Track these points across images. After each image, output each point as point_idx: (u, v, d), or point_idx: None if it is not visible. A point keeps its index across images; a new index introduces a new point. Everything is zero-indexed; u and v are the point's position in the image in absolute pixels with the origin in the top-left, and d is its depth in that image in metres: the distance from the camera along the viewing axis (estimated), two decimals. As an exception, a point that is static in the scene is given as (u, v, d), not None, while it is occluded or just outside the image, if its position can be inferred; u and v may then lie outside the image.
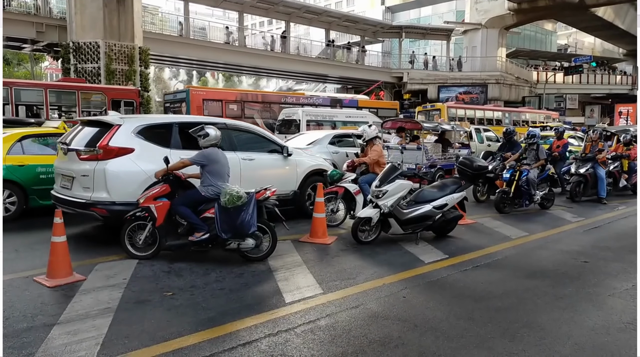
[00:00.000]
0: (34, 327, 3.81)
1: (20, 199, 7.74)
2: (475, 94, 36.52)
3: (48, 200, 7.30)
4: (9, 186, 7.62)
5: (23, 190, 7.77)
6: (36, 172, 7.89)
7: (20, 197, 7.74)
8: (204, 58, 29.35)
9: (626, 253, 6.42)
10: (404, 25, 40.03)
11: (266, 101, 20.47)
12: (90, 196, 6.05)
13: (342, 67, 35.72)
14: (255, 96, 20.79)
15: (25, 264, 5.40)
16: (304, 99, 21.55)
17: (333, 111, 18.93)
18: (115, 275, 5.10)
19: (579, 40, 57.78)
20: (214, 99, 19.25)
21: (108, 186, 6.02)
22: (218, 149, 5.85)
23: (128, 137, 6.28)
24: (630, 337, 3.83)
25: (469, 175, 8.74)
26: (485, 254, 6.25)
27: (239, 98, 19.88)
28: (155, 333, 3.74)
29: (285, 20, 33.93)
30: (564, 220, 8.69)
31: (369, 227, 6.59)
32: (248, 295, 4.64)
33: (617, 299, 4.70)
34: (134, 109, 16.87)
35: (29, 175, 7.80)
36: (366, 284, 4.96)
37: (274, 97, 21.18)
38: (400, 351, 3.52)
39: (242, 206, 5.37)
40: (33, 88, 15.77)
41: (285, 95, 22.13)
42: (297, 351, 3.51)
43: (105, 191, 6.02)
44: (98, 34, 20.56)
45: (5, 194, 7.58)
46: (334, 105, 21.50)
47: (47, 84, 16.45)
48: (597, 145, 10.80)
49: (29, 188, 7.80)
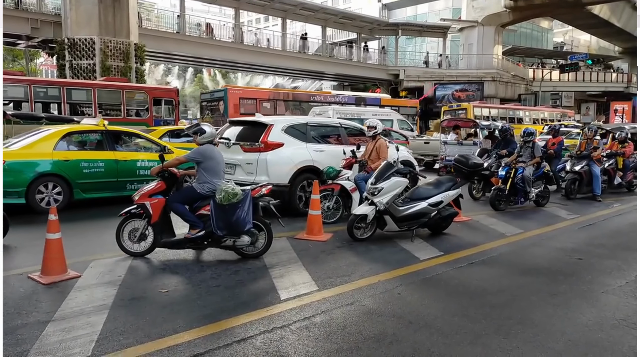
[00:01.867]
0: (29, 324, 3.81)
1: (66, 192, 8.32)
2: (472, 92, 36.56)
3: (91, 193, 8.59)
4: (56, 179, 8.25)
5: (68, 184, 8.34)
6: (80, 166, 8.48)
7: (65, 190, 8.32)
8: (200, 55, 29.27)
9: (620, 250, 6.46)
10: (401, 23, 39.96)
11: (296, 99, 21.86)
12: (253, 178, 7.67)
13: (339, 65, 35.70)
14: (287, 95, 22.31)
15: (20, 261, 5.39)
16: (331, 97, 22.89)
17: (360, 109, 19.90)
18: (110, 272, 5.09)
19: (575, 38, 57.88)
20: (249, 97, 20.71)
21: (269, 171, 7.74)
22: (214, 146, 5.85)
23: (279, 134, 8.07)
24: (623, 333, 3.85)
25: (465, 172, 8.75)
26: (480, 251, 6.27)
27: (271, 97, 21.29)
28: (150, 330, 3.74)
29: (282, 17, 33.85)
30: (559, 217, 8.72)
31: (364, 225, 6.60)
32: (243, 292, 4.65)
33: (611, 296, 4.72)
34: (173, 106, 17.69)
35: (73, 169, 8.40)
36: (361, 281, 4.97)
37: (303, 96, 22.61)
38: (395, 348, 3.53)
39: (238, 203, 5.36)
40: (82, 87, 16.74)
41: (313, 94, 23.84)
42: (292, 347, 3.52)
43: (265, 174, 7.71)
44: (93, 30, 20.46)
45: (51, 186, 8.20)
46: (358, 104, 22.66)
47: (96, 83, 17.18)
48: (592, 142, 10.83)
49: (73, 182, 8.38)
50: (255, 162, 7.82)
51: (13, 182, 7.76)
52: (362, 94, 26.28)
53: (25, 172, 7.95)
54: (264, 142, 7.87)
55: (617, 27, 42.67)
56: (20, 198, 7.87)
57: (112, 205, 8.72)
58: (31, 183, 7.95)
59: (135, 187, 8.63)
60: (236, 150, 8.11)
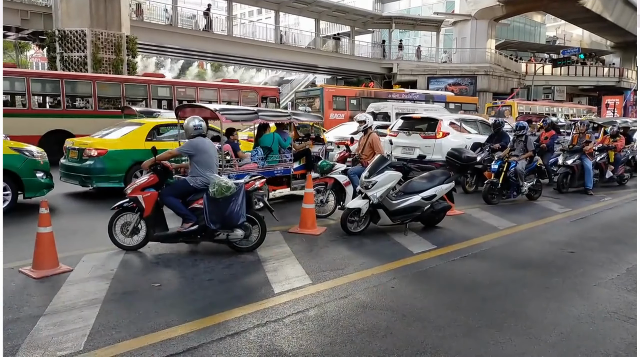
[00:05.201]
0: (20, 318, 3.78)
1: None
2: (465, 86, 36.57)
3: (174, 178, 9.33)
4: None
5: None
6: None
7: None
8: (192, 47, 29.04)
9: (611, 244, 6.51)
10: (394, 16, 39.78)
11: (377, 97, 24.39)
12: (430, 157, 10.37)
13: (332, 58, 35.53)
14: (370, 93, 25.28)
15: (11, 255, 5.34)
16: (405, 94, 25.81)
17: (414, 105, 21.87)
18: (102, 266, 5.06)
19: (568, 32, 57.95)
20: (340, 95, 24.07)
21: (442, 151, 10.40)
22: (206, 139, 5.80)
23: (446, 126, 11.68)
24: (615, 326, 3.89)
25: (458, 166, 8.78)
26: (473, 245, 6.29)
27: (357, 95, 24.58)
28: (143, 324, 3.72)
29: (275, 10, 33.60)
30: (551, 211, 8.77)
31: (358, 218, 6.60)
32: (237, 286, 4.64)
33: (603, 289, 4.76)
34: (276, 103, 21.01)
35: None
36: (355, 275, 4.97)
37: (383, 94, 25.50)
38: (388, 341, 3.53)
39: (231, 196, 5.33)
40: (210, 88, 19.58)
41: (390, 92, 26.60)
42: (286, 341, 3.52)
43: (440, 154, 10.66)
44: (84, 22, 20.18)
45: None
46: (427, 101, 25.70)
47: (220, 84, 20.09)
48: (585, 137, 10.88)
49: None
50: (432, 146, 11.29)
51: (115, 168, 8.96)
52: (430, 92, 28.88)
53: (124, 160, 9.03)
54: (439, 131, 11.42)
55: (609, 22, 42.74)
56: (120, 183, 8.88)
57: (103, 199, 8.69)
58: (128, 169, 9.03)
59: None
60: (415, 137, 11.77)
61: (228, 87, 19.76)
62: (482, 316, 4.02)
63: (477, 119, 13.66)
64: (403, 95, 25.59)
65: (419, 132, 11.79)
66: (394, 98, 24.58)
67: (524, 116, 18.75)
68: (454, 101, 27.43)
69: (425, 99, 25.99)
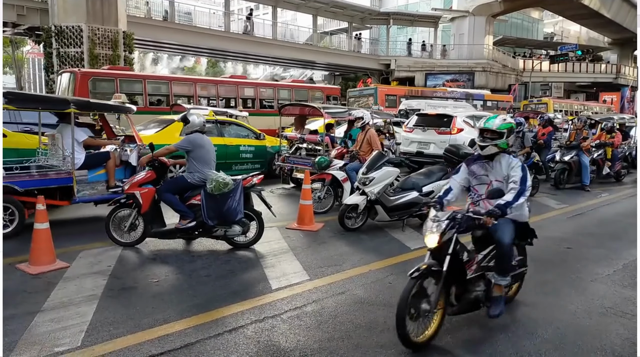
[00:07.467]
0: (17, 314, 3.77)
1: None
2: (462, 82, 36.52)
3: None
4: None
5: None
6: None
7: None
8: (189, 43, 28.92)
9: (608, 240, 6.53)
10: (392, 12, 39.66)
11: (424, 96, 26.32)
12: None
13: (330, 54, 35.44)
14: (417, 92, 27.77)
15: (7, 251, 5.32)
16: (448, 93, 27.39)
17: (445, 103, 23.24)
18: (99, 262, 5.05)
19: (565, 28, 57.94)
20: (392, 94, 26.38)
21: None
22: (203, 135, 5.78)
23: (460, 123, 12.18)
24: (611, 321, 3.90)
25: (456, 162, 8.73)
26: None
27: (407, 93, 26.48)
28: (141, 320, 3.72)
29: (272, 6, 33.50)
30: (548, 207, 8.79)
31: (355, 214, 6.60)
32: (234, 282, 4.64)
33: (599, 285, 4.78)
34: (337, 100, 22.76)
35: None
36: (352, 271, 4.98)
37: (428, 92, 27.61)
38: (385, 336, 3.54)
39: (229, 192, 5.33)
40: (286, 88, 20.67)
41: (434, 90, 28.59)
42: (284, 336, 3.52)
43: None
44: (81, 18, 20.06)
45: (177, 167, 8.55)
46: (467, 99, 27.12)
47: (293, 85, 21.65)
48: (582, 133, 10.90)
49: None
50: (447, 141, 11.49)
51: None
52: (470, 91, 30.32)
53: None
54: (453, 127, 11.99)
55: (606, 18, 42.70)
56: None
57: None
58: None
59: (238, 168, 10.38)
60: (431, 133, 12.28)
61: (300, 87, 21.60)
62: (478, 311, 4.02)
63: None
64: (446, 94, 27.36)
65: (434, 128, 12.32)
66: (438, 96, 26.49)
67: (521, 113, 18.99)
68: (491, 99, 29.68)
69: (465, 98, 27.74)
